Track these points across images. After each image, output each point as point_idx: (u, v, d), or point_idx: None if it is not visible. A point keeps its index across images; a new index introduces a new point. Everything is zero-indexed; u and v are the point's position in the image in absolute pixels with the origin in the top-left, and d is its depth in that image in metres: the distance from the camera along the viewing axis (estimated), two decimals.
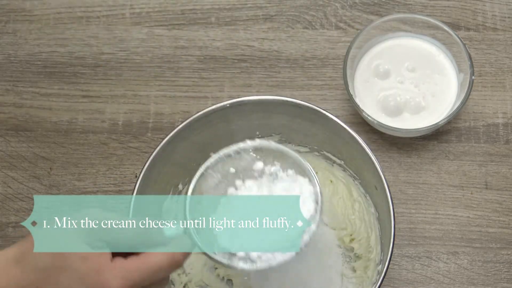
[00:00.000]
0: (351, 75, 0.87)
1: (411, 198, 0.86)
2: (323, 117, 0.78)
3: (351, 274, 0.81)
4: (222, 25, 0.94)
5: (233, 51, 0.93)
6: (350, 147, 0.78)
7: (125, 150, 0.90)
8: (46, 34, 0.95)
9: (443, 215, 0.86)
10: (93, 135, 0.90)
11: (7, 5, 0.96)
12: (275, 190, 0.68)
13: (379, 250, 0.79)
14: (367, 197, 0.82)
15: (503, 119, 0.89)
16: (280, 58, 0.92)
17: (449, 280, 0.84)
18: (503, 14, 0.93)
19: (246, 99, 0.79)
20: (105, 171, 0.89)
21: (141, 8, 0.95)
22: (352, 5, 0.94)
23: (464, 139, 0.88)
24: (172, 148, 0.78)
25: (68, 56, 0.94)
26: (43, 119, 0.91)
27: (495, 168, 0.87)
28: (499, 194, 0.86)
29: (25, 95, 0.93)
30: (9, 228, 0.87)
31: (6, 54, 0.94)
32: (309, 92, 0.91)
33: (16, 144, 0.91)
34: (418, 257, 0.84)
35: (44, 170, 0.89)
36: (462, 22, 0.93)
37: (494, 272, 0.84)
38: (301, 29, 0.93)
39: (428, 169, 0.87)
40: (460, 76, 0.87)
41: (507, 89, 0.90)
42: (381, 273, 0.73)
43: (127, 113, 0.91)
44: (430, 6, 0.94)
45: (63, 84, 0.93)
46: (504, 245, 0.84)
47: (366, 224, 0.82)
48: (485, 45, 0.92)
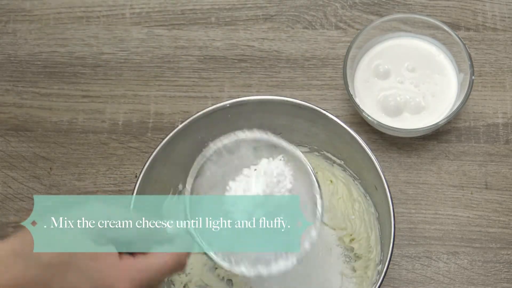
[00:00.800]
0: (351, 75, 0.87)
1: (411, 198, 0.86)
2: (323, 117, 0.78)
3: (351, 274, 0.81)
4: (222, 25, 0.94)
5: (233, 51, 0.93)
6: (350, 147, 0.78)
7: (125, 150, 0.90)
8: (46, 34, 0.95)
9: (443, 215, 0.86)
10: (93, 135, 0.90)
11: (7, 5, 0.96)
12: (274, 190, 0.68)
13: (379, 250, 0.79)
14: (367, 197, 0.82)
15: (503, 119, 0.89)
16: (280, 58, 0.92)
17: (449, 280, 0.84)
18: (503, 14, 0.93)
19: (246, 99, 0.79)
20: (105, 171, 0.89)
21: (141, 8, 0.95)
22: (352, 5, 0.94)
23: (464, 139, 0.88)
24: (172, 148, 0.78)
25: (68, 56, 0.94)
26: (43, 119, 0.91)
27: (495, 168, 0.87)
28: (499, 194, 0.86)
29: (25, 95, 0.93)
30: (9, 228, 0.87)
31: (6, 54, 0.94)
32: (309, 92, 0.91)
33: (16, 144, 0.91)
34: (418, 257, 0.84)
35: (44, 170, 0.89)
36: (462, 22, 0.93)
37: (494, 272, 0.84)
38: (301, 29, 0.93)
39: (428, 169, 0.87)
40: (460, 76, 0.87)
41: (507, 89, 0.90)
42: (381, 273, 0.73)
43: (127, 113, 0.91)
44: (430, 6, 0.94)
45: (63, 84, 0.93)
46: (504, 245, 0.84)
47: (366, 224, 0.82)
48: (485, 45, 0.92)
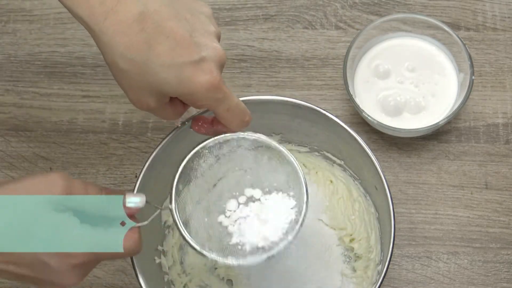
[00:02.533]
0: (351, 75, 0.87)
1: (411, 198, 0.86)
2: (323, 117, 0.78)
3: (351, 274, 0.81)
4: (222, 25, 0.94)
5: (233, 51, 0.93)
6: (350, 147, 0.78)
7: (125, 150, 0.90)
8: (46, 34, 0.95)
9: (443, 215, 0.86)
10: (93, 135, 0.91)
11: (7, 5, 0.96)
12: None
13: (379, 250, 0.79)
14: (367, 197, 0.82)
15: (503, 119, 0.89)
16: (280, 58, 0.92)
17: (449, 280, 0.84)
18: (503, 14, 0.93)
19: (246, 99, 0.79)
20: (105, 171, 0.89)
21: None
22: (352, 5, 0.94)
23: (464, 139, 0.88)
24: (172, 148, 0.78)
25: (68, 56, 0.94)
26: (43, 119, 0.92)
27: (495, 168, 0.87)
28: (499, 194, 0.86)
29: (25, 95, 0.93)
30: None
31: (6, 54, 0.94)
32: (309, 92, 0.91)
33: (16, 144, 0.91)
34: (418, 257, 0.84)
35: (44, 170, 0.89)
36: (462, 22, 0.93)
37: (494, 272, 0.84)
38: (301, 29, 0.94)
39: (428, 169, 0.87)
40: (460, 76, 0.87)
41: (507, 89, 0.90)
42: (381, 273, 0.73)
43: (127, 113, 0.91)
44: (430, 6, 0.94)
45: (63, 84, 0.93)
46: (504, 245, 0.84)
47: (366, 224, 0.82)
48: (485, 45, 0.92)
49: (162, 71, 0.61)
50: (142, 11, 0.61)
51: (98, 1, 0.61)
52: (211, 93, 0.63)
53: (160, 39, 0.61)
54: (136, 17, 0.61)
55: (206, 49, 0.63)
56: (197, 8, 0.66)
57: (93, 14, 0.61)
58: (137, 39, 0.61)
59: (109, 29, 0.61)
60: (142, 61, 0.61)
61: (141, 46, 0.61)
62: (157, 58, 0.61)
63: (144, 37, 0.61)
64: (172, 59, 0.61)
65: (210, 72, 0.63)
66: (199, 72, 0.62)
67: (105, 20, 0.61)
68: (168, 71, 0.61)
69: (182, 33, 0.62)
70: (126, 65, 0.62)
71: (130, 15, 0.61)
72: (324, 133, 0.81)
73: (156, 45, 0.61)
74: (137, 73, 0.62)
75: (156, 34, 0.61)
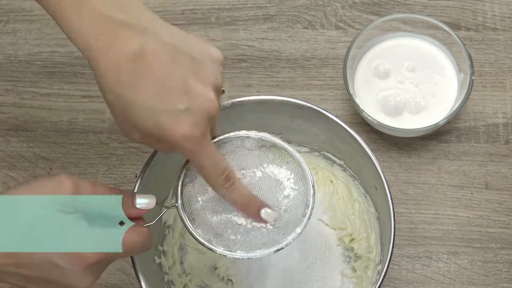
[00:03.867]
0: (351, 75, 0.87)
1: (411, 198, 0.86)
2: (323, 117, 0.78)
3: (351, 274, 0.81)
4: (222, 25, 0.94)
5: (233, 51, 0.93)
6: (350, 147, 0.78)
7: (125, 150, 0.90)
8: (46, 34, 0.95)
9: (443, 215, 0.86)
10: (93, 135, 0.91)
11: (7, 5, 0.96)
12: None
13: (379, 250, 0.79)
14: (367, 197, 0.82)
15: (503, 119, 0.89)
16: (280, 58, 0.92)
17: (449, 280, 0.84)
18: (503, 14, 0.93)
19: (246, 99, 0.79)
20: (105, 171, 0.89)
21: None
22: (352, 5, 0.94)
23: (464, 139, 0.88)
24: None
25: (68, 56, 0.94)
26: (43, 119, 0.91)
27: (495, 168, 0.87)
28: (499, 194, 0.86)
29: (25, 95, 0.93)
30: None
31: (6, 54, 0.94)
32: (309, 92, 0.91)
33: (16, 144, 0.91)
34: (418, 257, 0.84)
35: (44, 170, 0.89)
36: (462, 22, 0.93)
37: (494, 272, 0.84)
38: (301, 29, 0.94)
39: (428, 169, 0.87)
40: (460, 76, 0.87)
41: (507, 89, 0.90)
42: (381, 273, 0.73)
43: None
44: (430, 6, 0.94)
45: (63, 84, 0.93)
46: (504, 245, 0.84)
47: (366, 224, 0.82)
48: (485, 45, 0.92)
49: (141, 113, 0.61)
50: (137, 50, 0.60)
51: (93, 36, 0.61)
52: (187, 145, 0.62)
53: (148, 82, 0.61)
54: (130, 56, 0.60)
55: (196, 100, 0.62)
56: (206, 53, 0.65)
57: (88, 49, 0.61)
58: (125, 78, 0.60)
59: (101, 65, 0.61)
60: (125, 99, 0.61)
61: (127, 85, 0.61)
62: (140, 99, 0.61)
63: (132, 77, 0.60)
64: (154, 104, 0.61)
65: (190, 124, 0.61)
66: (178, 122, 0.61)
67: (99, 56, 0.61)
68: (148, 114, 0.61)
69: (173, 79, 0.61)
70: (114, 99, 0.62)
71: (124, 53, 0.60)
72: (324, 133, 0.81)
73: (141, 87, 0.60)
74: (121, 108, 0.62)
75: (145, 76, 0.60)
